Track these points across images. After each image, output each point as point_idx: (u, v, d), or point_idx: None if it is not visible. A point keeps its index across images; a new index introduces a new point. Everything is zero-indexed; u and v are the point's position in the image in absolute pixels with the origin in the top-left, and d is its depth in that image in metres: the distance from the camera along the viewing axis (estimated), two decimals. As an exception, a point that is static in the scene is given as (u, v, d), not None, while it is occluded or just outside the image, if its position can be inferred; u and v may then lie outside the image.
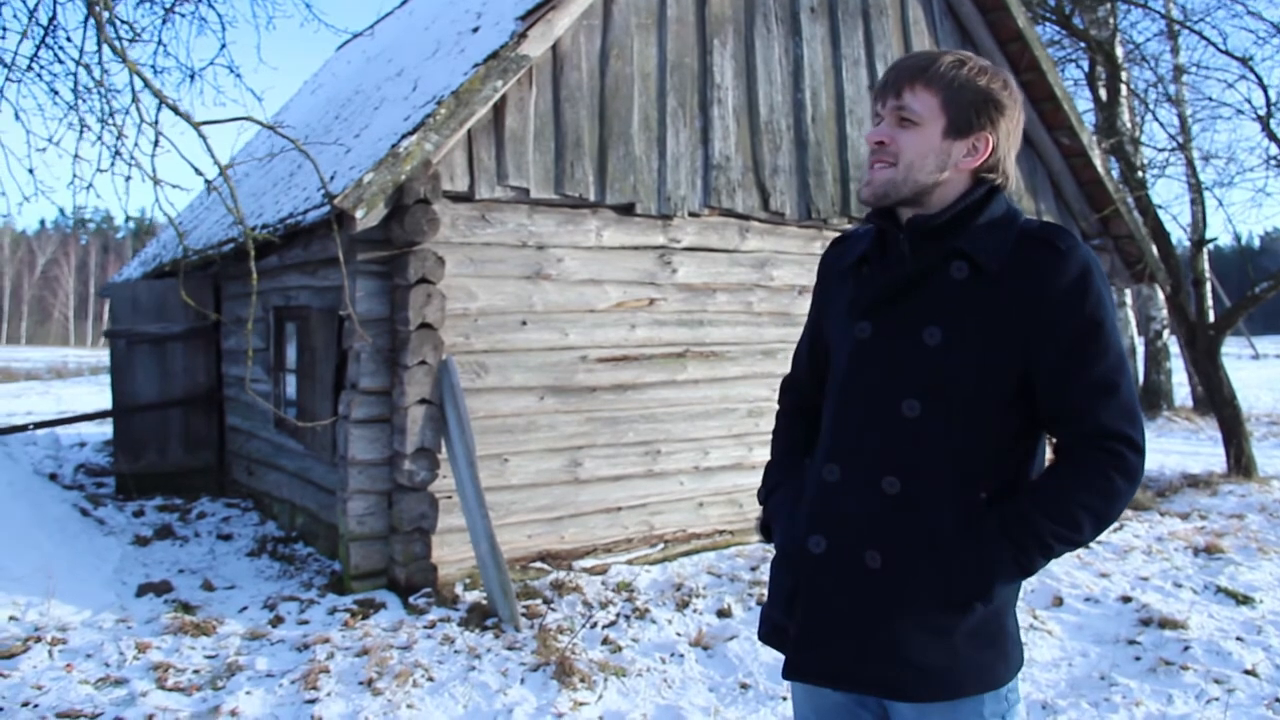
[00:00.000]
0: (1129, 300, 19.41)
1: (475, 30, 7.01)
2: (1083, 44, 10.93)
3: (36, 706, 4.38)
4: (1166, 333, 17.20)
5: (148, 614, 5.65)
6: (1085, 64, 11.10)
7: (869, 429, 1.98)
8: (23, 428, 9.62)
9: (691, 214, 6.91)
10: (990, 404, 1.94)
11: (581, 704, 4.54)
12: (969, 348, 1.92)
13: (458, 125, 5.77)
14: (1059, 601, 6.13)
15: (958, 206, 1.97)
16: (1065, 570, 6.64)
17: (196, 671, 4.85)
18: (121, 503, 8.37)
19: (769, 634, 2.14)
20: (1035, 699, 4.77)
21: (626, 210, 6.67)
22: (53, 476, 9.35)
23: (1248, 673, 4.96)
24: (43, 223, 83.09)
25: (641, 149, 6.66)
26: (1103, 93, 10.91)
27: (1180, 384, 18.74)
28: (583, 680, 4.74)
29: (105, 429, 11.99)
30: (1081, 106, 13.59)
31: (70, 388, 22.23)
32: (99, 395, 18.34)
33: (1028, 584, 6.37)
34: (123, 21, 4.60)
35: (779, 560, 2.14)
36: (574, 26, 6.35)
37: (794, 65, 7.41)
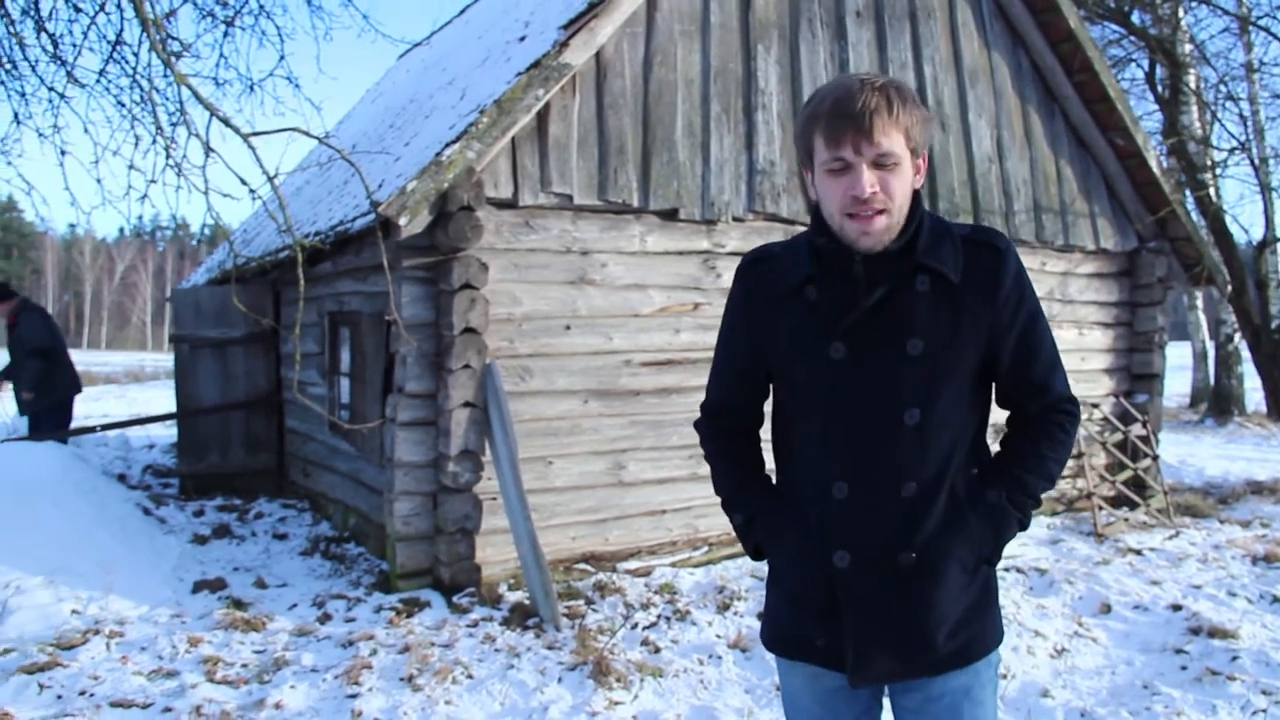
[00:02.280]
0: (1199, 303, 18.96)
1: (522, 39, 7.12)
2: (1143, 43, 10.74)
3: (92, 696, 4.56)
4: (1238, 336, 16.76)
5: (202, 610, 5.83)
6: (1145, 64, 10.91)
7: (875, 442, 2.09)
8: (92, 429, 9.93)
9: (736, 219, 6.94)
10: (969, 395, 2.14)
11: (617, 703, 4.60)
12: (947, 350, 2.07)
13: (500, 133, 5.87)
14: (1107, 609, 6.05)
15: (911, 228, 2.08)
16: (1115, 578, 6.55)
17: (245, 665, 5.00)
18: (183, 502, 8.62)
19: (793, 647, 2.25)
20: (1075, 706, 4.73)
21: (670, 216, 6.73)
22: (121, 477, 9.65)
23: (1298, 683, 4.86)
24: (121, 231, 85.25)
25: (685, 155, 6.71)
26: (1164, 92, 10.71)
27: (1254, 389, 18.25)
28: (619, 680, 4.79)
29: (173, 431, 12.32)
30: (1147, 108, 13.38)
31: (145, 391, 22.83)
32: (171, 399, 18.82)
33: (1075, 590, 6.31)
34: (172, 38, 4.78)
35: (802, 577, 2.20)
36: (617, 34, 6.42)
37: (840, 69, 7.40)
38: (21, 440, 8.52)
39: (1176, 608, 5.99)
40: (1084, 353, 8.93)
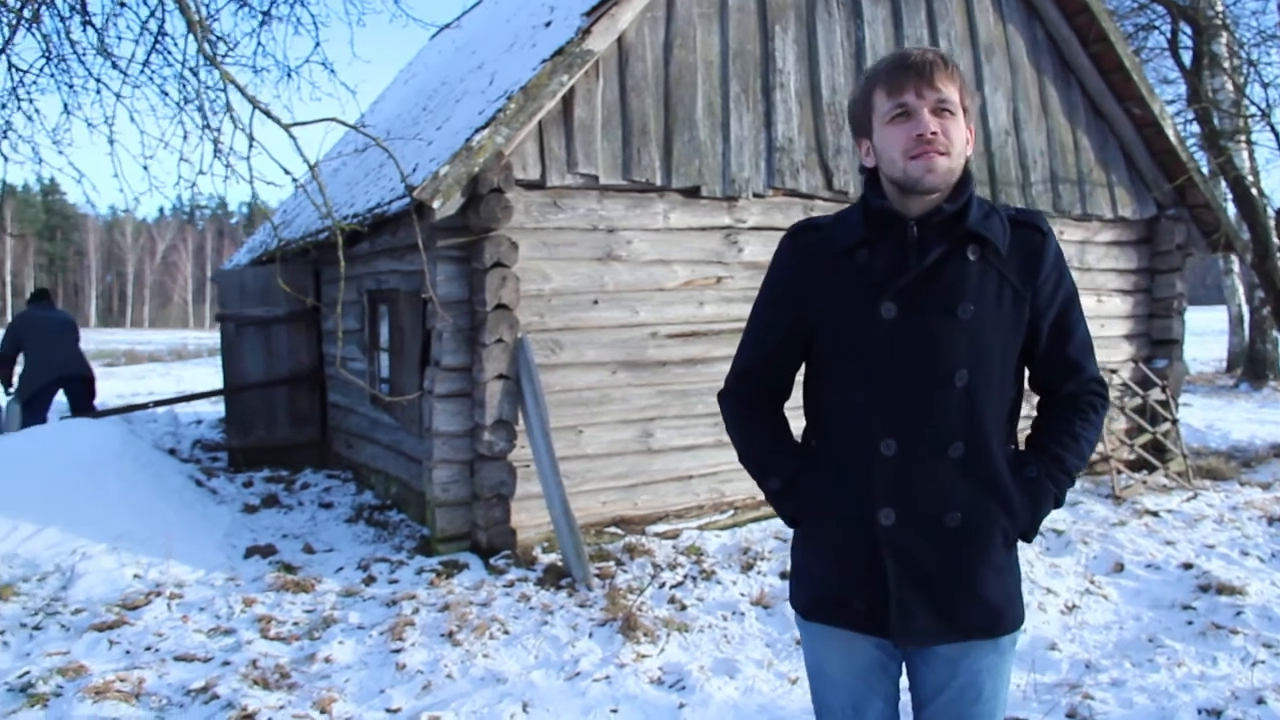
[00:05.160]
0: (1236, 268, 18.88)
1: (548, 25, 7.36)
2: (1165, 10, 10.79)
3: (157, 651, 4.92)
4: (1271, 300, 16.68)
5: (254, 573, 6.19)
6: (1168, 30, 10.95)
7: (926, 401, 2.15)
8: (144, 406, 10.34)
9: (756, 195, 7.17)
10: (1011, 366, 2.24)
11: (644, 656, 4.89)
12: (993, 319, 2.17)
13: (527, 118, 6.13)
14: (1120, 567, 6.25)
15: (965, 194, 2.17)
16: (1130, 538, 6.73)
17: (296, 624, 5.35)
18: (232, 474, 9.01)
19: (832, 612, 2.26)
20: (1080, 658, 4.94)
21: (692, 193, 6.97)
22: (172, 451, 10.05)
23: (1298, 636, 5.05)
24: (161, 211, 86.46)
25: (706, 134, 6.95)
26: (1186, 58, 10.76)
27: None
28: (646, 635, 5.09)
29: (219, 407, 12.75)
30: (1172, 75, 13.39)
31: (189, 368, 23.33)
32: (215, 375, 19.29)
33: (1090, 550, 6.51)
34: (218, 38, 5.05)
35: (845, 537, 2.22)
36: (637, 19, 6.65)
37: (856, 47, 7.59)
38: (82, 418, 8.92)
39: (1188, 566, 6.18)
40: (1103, 319, 9.07)
